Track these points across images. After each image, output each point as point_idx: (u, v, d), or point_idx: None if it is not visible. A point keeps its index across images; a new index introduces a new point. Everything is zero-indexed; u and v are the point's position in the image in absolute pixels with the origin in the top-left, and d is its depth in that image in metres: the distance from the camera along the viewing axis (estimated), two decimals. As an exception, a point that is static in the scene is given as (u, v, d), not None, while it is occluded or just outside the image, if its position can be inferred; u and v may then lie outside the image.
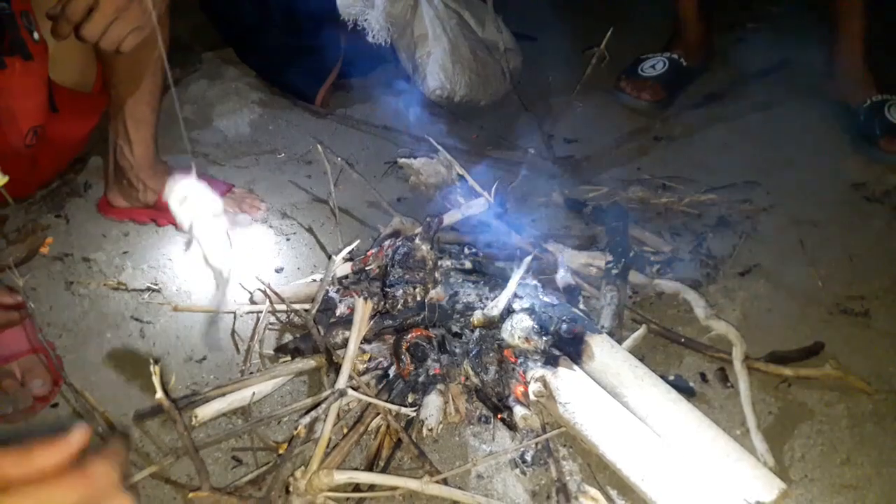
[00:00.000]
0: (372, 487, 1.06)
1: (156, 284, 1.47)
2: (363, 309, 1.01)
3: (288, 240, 1.65)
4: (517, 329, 1.25)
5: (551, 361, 1.18)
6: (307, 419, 1.02)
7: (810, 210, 1.70)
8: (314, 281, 1.45)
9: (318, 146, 1.51)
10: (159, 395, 0.82)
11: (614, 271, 1.39)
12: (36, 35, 1.25)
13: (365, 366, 1.27)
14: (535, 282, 1.39)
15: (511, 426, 1.18)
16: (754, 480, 1.01)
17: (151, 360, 0.81)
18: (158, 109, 1.54)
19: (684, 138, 2.06)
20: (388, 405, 1.10)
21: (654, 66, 2.22)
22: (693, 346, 1.32)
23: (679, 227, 1.66)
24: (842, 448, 1.14)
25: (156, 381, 0.81)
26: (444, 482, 1.03)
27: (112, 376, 1.29)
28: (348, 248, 1.19)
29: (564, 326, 1.25)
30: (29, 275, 1.39)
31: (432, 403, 1.18)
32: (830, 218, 1.68)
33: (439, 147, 1.58)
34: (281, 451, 1.07)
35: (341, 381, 1.05)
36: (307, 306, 1.30)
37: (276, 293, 1.35)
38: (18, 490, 0.50)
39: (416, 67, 2.13)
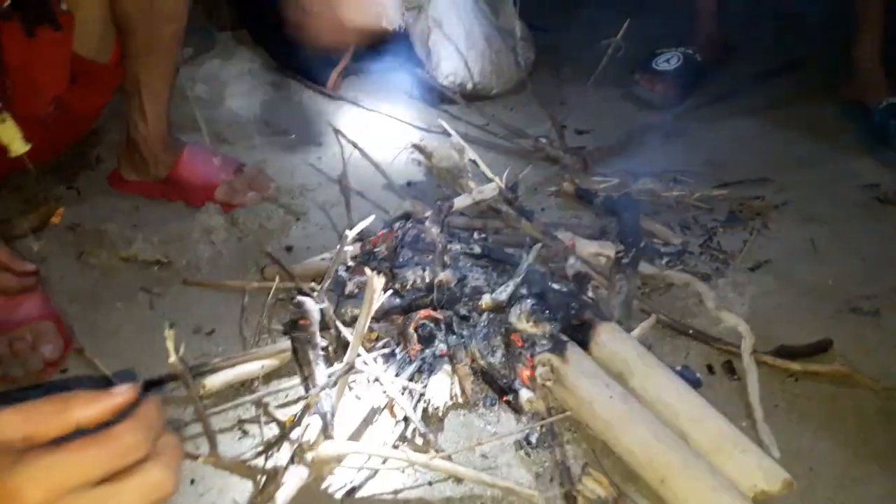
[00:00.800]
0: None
1: (165, 258, 1.48)
2: (375, 283, 1.01)
3: (298, 220, 1.65)
4: (525, 313, 1.25)
5: (559, 346, 1.18)
6: (316, 391, 1.03)
7: (822, 209, 1.70)
8: (323, 260, 1.45)
9: (332, 127, 1.51)
10: (172, 358, 0.82)
11: (624, 261, 1.38)
12: (64, 5, 1.26)
13: (372, 344, 1.28)
14: (544, 269, 1.39)
15: (516, 409, 1.19)
16: (759, 471, 1.00)
17: (166, 324, 0.80)
18: (173, 85, 1.56)
19: (697, 133, 2.06)
20: (396, 381, 1.11)
21: (669, 60, 2.23)
22: (701, 338, 1.31)
23: (689, 220, 1.65)
24: (847, 444, 1.14)
25: (169, 344, 0.81)
26: (449, 459, 1.04)
27: (121, 345, 1.30)
28: (361, 225, 1.19)
29: (573, 313, 1.25)
30: (43, 241, 1.39)
31: (439, 383, 1.18)
32: (842, 217, 1.68)
33: (452, 132, 1.58)
34: (288, 424, 1.08)
35: (350, 356, 1.05)
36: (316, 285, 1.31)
37: (286, 270, 1.35)
38: (44, 451, 0.48)
39: (429, 53, 2.13)
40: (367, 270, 1.05)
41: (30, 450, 0.48)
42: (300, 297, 1.21)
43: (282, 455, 1.00)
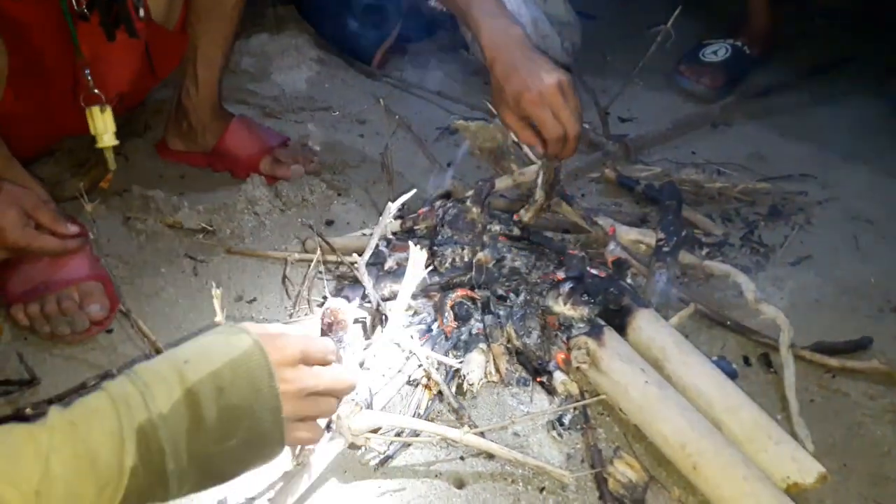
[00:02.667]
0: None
1: (210, 226, 1.50)
2: (418, 257, 1.02)
3: (339, 195, 1.67)
4: (563, 296, 1.25)
5: (596, 331, 1.19)
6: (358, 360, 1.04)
7: (866, 207, 1.68)
8: (364, 235, 1.47)
9: (378, 104, 1.52)
10: (219, 317, 0.85)
11: (665, 249, 1.38)
12: (142, 12, 1.29)
13: (410, 320, 1.29)
14: (583, 253, 1.40)
15: (550, 390, 1.19)
16: (793, 463, 1.00)
17: (213, 286, 0.83)
18: (228, 55, 1.58)
19: (742, 126, 2.04)
20: (433, 354, 1.12)
21: (717, 52, 2.20)
22: (738, 330, 1.31)
23: (731, 213, 1.64)
24: (883, 441, 1.13)
25: (216, 304, 0.84)
26: (482, 436, 1.05)
27: (165, 308, 1.33)
28: (402, 199, 1.20)
29: (611, 298, 1.26)
30: (93, 204, 1.42)
31: (474, 360, 1.20)
32: (887, 217, 1.66)
33: (497, 112, 1.58)
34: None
35: (390, 328, 1.07)
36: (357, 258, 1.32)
37: (327, 242, 1.37)
38: (298, 335, 0.84)
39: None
40: (411, 244, 1.06)
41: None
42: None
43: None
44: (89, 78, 1.27)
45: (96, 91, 1.27)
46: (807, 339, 1.29)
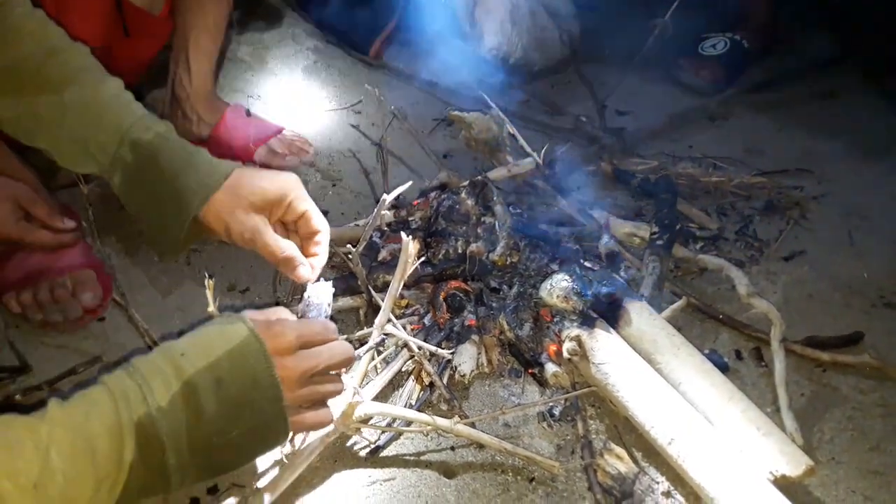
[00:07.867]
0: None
1: (204, 215, 1.49)
2: (410, 248, 1.02)
3: (334, 185, 1.67)
4: (556, 289, 1.25)
5: (588, 323, 1.19)
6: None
7: (862, 203, 1.68)
8: (358, 226, 1.47)
9: (373, 94, 1.51)
10: (211, 308, 0.85)
11: (659, 242, 1.38)
12: None
13: (402, 311, 1.29)
14: (577, 246, 1.40)
15: (541, 382, 1.20)
16: (781, 455, 1.01)
17: (206, 276, 0.83)
18: (220, 43, 1.56)
19: (739, 120, 2.04)
20: (425, 345, 1.12)
21: (715, 45, 2.20)
22: (731, 323, 1.31)
23: (727, 207, 1.64)
24: (872, 435, 1.14)
25: (209, 294, 0.83)
26: (472, 426, 1.05)
27: (158, 297, 1.33)
28: (397, 191, 1.20)
29: (604, 290, 1.26)
30: (86, 192, 1.42)
31: (466, 352, 1.20)
32: (882, 212, 1.66)
33: (492, 104, 1.58)
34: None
35: (382, 318, 1.07)
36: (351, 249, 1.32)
37: (321, 232, 1.36)
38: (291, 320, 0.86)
39: (473, 26, 2.12)
40: (403, 235, 1.06)
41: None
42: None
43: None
44: None
45: None
46: (799, 333, 1.29)
